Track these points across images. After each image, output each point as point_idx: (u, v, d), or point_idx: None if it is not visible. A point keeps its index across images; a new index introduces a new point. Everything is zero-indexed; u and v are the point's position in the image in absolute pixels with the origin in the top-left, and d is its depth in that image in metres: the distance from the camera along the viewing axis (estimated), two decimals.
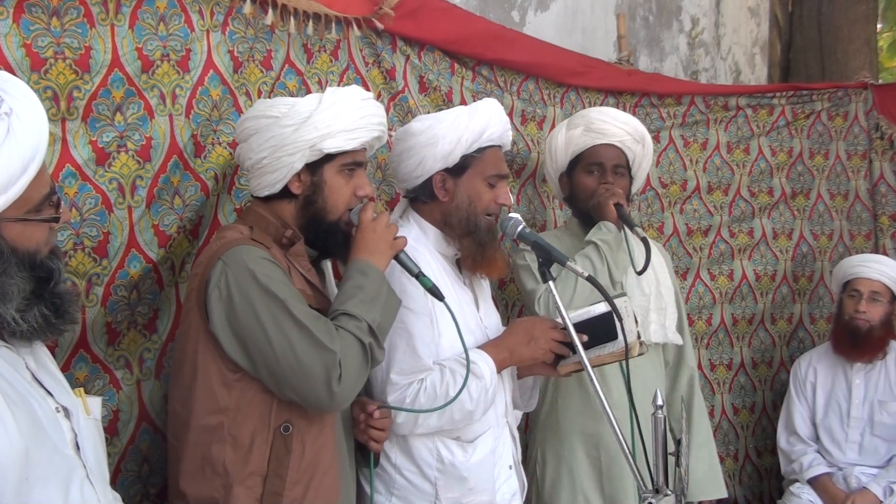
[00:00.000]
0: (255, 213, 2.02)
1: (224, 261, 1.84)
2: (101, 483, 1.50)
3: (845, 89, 4.30)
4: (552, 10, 4.14)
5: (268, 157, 1.94)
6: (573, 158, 2.79)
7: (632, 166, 2.81)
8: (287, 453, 1.85)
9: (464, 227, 2.24)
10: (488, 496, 2.21)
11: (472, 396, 2.11)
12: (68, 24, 1.96)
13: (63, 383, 1.56)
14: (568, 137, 2.78)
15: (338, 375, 1.80)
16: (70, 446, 1.45)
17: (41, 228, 1.44)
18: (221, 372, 1.84)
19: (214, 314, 1.82)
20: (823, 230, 4.27)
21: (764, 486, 4.22)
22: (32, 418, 1.39)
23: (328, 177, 1.99)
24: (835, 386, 3.76)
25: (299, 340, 1.79)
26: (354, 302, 1.90)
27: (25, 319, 1.41)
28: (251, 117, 1.98)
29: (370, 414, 2.02)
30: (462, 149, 2.21)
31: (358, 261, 1.97)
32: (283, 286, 1.84)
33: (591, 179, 2.75)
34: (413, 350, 2.10)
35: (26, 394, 1.41)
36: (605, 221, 2.65)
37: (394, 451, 2.15)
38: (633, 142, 2.76)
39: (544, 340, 2.21)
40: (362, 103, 2.01)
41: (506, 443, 2.30)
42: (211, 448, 1.83)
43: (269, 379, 1.83)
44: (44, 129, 1.39)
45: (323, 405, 1.84)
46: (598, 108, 3.06)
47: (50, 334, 1.48)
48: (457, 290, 2.26)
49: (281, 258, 1.94)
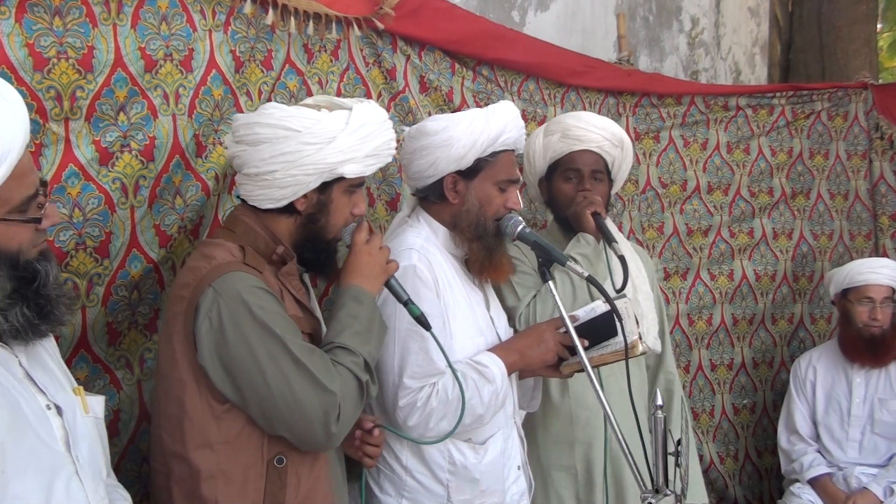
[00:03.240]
0: (243, 223, 1.90)
1: (215, 289, 1.73)
2: (92, 480, 1.51)
3: (845, 89, 4.30)
4: (552, 10, 4.15)
5: (280, 171, 1.82)
6: (551, 164, 2.76)
7: (611, 170, 2.78)
8: (282, 487, 1.78)
9: (473, 231, 2.21)
10: (499, 497, 2.20)
11: (483, 401, 2.10)
12: (70, 23, 1.96)
13: (61, 381, 1.55)
14: (545, 143, 2.74)
15: (336, 416, 1.74)
16: (60, 443, 1.46)
17: (23, 229, 1.43)
18: (209, 403, 1.75)
19: (204, 346, 1.72)
20: (823, 230, 4.27)
21: (764, 486, 4.22)
22: (15, 414, 1.40)
23: (335, 196, 1.91)
24: (835, 384, 3.76)
25: (297, 380, 1.72)
26: (349, 334, 1.83)
27: (7, 318, 1.41)
28: (265, 123, 1.84)
29: (368, 431, 1.98)
30: (476, 152, 2.18)
31: (351, 287, 1.89)
32: (280, 319, 1.75)
33: (569, 186, 2.72)
34: (426, 353, 2.07)
35: (13, 390, 1.42)
36: (583, 233, 2.62)
37: (405, 453, 2.14)
38: (611, 146, 2.72)
39: (553, 343, 2.21)
40: (384, 126, 1.94)
41: (514, 443, 2.30)
42: (201, 485, 1.74)
43: (260, 415, 1.75)
44: (16, 133, 1.36)
45: (318, 445, 1.79)
46: (573, 113, 3.01)
47: (33, 335, 1.47)
48: (468, 292, 2.25)
49: (272, 280, 1.84)
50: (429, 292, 2.10)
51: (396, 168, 2.75)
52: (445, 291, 2.16)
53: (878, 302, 3.60)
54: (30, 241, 1.45)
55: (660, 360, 2.93)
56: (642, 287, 2.73)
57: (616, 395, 2.45)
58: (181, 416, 1.76)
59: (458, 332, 2.14)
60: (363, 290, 1.90)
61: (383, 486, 2.15)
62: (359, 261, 1.93)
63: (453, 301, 2.17)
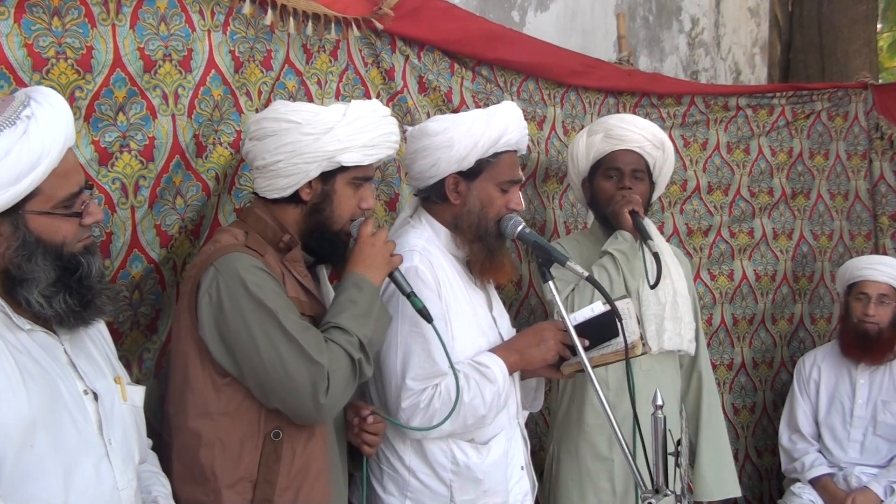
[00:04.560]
0: (255, 214, 2.02)
1: (216, 267, 1.85)
2: (123, 463, 1.62)
3: (845, 89, 4.30)
4: (552, 10, 4.15)
5: (283, 161, 1.93)
6: (594, 164, 2.83)
7: (653, 171, 2.84)
8: (277, 460, 1.86)
9: (474, 232, 2.22)
10: (502, 497, 2.20)
11: (485, 401, 2.11)
12: (69, 23, 1.96)
13: (102, 369, 1.68)
14: (588, 143, 2.83)
15: (325, 388, 1.80)
16: (94, 426, 1.59)
17: (67, 223, 1.57)
18: (211, 376, 1.86)
19: (204, 319, 1.84)
20: (823, 230, 4.27)
21: (764, 486, 4.22)
22: (53, 395, 1.53)
23: (339, 187, 2.00)
24: (838, 385, 3.76)
25: (288, 352, 1.80)
26: (347, 315, 1.90)
27: (51, 304, 1.55)
28: (270, 118, 1.97)
29: (364, 418, 2.02)
30: (478, 153, 2.19)
31: (354, 275, 1.97)
32: (275, 296, 1.84)
33: (609, 184, 2.79)
34: (429, 355, 2.08)
35: (54, 374, 1.55)
36: (620, 231, 2.70)
37: (408, 453, 2.14)
38: (652, 147, 2.80)
39: (554, 342, 2.21)
40: (383, 120, 2.03)
41: (517, 443, 2.30)
42: (199, 452, 1.85)
43: (256, 388, 1.84)
44: (57, 135, 1.52)
45: (308, 417, 1.85)
46: (617, 115, 3.13)
47: (75, 322, 1.60)
48: (470, 293, 2.25)
49: (276, 264, 1.94)
50: (431, 293, 2.10)
51: (396, 168, 2.76)
52: (447, 293, 2.16)
53: (873, 298, 3.61)
54: (74, 235, 1.59)
55: (694, 359, 2.97)
56: (681, 290, 2.78)
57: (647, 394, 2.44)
58: (184, 387, 1.88)
59: (460, 333, 2.14)
60: (364, 277, 1.96)
61: (387, 487, 2.15)
62: (362, 251, 2.00)
63: (455, 302, 2.18)
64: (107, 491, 1.57)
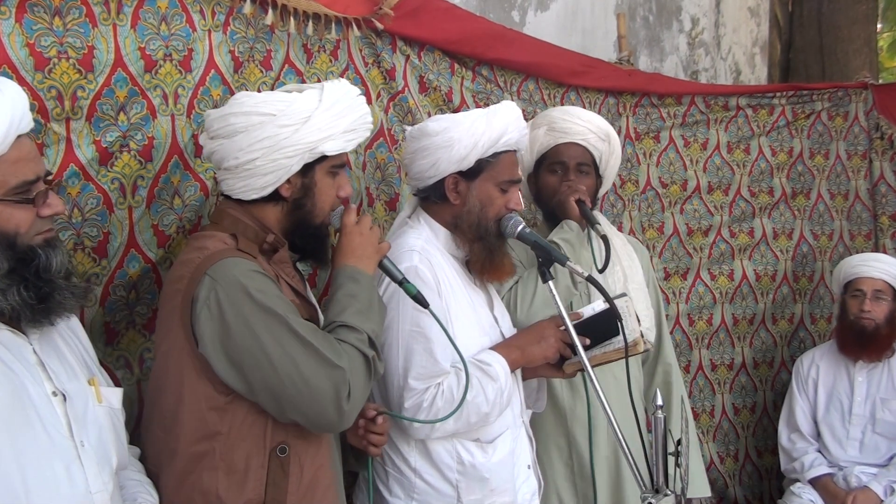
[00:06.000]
0: (230, 216, 1.87)
1: (211, 276, 1.71)
2: (98, 466, 1.56)
3: (845, 89, 4.30)
4: (552, 10, 4.15)
5: (260, 158, 1.80)
6: (538, 159, 2.77)
7: (599, 165, 2.77)
8: (284, 477, 1.75)
9: (474, 232, 2.21)
10: (510, 496, 2.19)
11: (488, 399, 2.10)
12: (71, 23, 1.96)
13: (74, 369, 1.61)
14: (532, 137, 2.72)
15: (347, 393, 1.70)
16: (64, 428, 1.52)
17: (20, 211, 1.49)
18: (211, 396, 1.72)
19: (205, 336, 1.70)
20: (823, 230, 4.27)
21: (764, 486, 4.22)
22: (17, 396, 1.47)
23: (319, 178, 1.89)
24: (837, 383, 3.76)
25: (304, 359, 1.69)
26: (351, 312, 1.81)
27: (5, 297, 1.48)
28: (238, 112, 1.82)
29: (372, 419, 1.95)
30: (478, 153, 2.17)
31: (346, 267, 1.88)
32: (280, 300, 1.73)
33: (554, 178, 2.73)
34: (430, 354, 2.07)
35: (21, 374, 1.49)
36: (567, 220, 2.63)
37: (412, 454, 2.12)
38: (597, 140, 2.72)
39: (554, 339, 2.21)
40: (357, 101, 1.93)
41: (523, 443, 2.30)
42: (202, 476, 1.72)
43: (270, 402, 1.72)
44: (2, 120, 1.45)
45: (331, 426, 1.76)
46: (560, 107, 3.05)
47: (34, 316, 1.52)
48: (470, 293, 2.25)
49: (267, 268, 1.82)
50: (431, 293, 2.09)
51: (396, 168, 2.76)
52: (447, 292, 2.16)
53: (868, 294, 3.62)
54: (30, 226, 1.51)
55: (657, 351, 2.92)
56: (634, 277, 2.73)
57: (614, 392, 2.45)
58: (177, 408, 1.74)
59: (461, 332, 2.13)
60: (359, 269, 1.88)
61: (392, 489, 2.14)
62: (350, 241, 1.91)
63: (455, 302, 2.17)
64: (79, 493, 1.50)
